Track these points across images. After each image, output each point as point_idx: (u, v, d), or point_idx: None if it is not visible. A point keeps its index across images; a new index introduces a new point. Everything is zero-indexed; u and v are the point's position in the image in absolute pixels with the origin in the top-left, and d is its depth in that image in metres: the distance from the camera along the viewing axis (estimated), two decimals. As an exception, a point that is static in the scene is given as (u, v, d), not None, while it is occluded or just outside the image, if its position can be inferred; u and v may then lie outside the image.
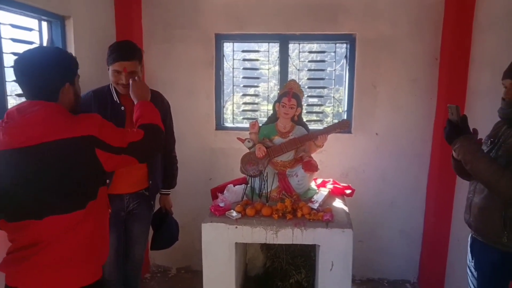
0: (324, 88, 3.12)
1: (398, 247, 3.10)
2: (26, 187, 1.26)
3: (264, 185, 2.16)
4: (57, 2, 2.21)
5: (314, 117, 3.17)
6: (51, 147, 1.25)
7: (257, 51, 3.12)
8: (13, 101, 2.00)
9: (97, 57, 2.36)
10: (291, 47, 3.05)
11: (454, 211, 2.80)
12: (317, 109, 3.27)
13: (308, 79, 3.13)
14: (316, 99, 3.18)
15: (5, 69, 1.89)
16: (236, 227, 1.90)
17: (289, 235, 1.89)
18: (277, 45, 3.04)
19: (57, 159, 1.26)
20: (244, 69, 3.14)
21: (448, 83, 2.72)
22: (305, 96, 2.71)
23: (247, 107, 3.20)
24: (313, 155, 2.24)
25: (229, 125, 3.20)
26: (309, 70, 3.17)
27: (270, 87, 3.16)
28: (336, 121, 2.60)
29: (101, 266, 1.46)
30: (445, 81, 2.75)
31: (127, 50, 1.94)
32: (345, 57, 3.03)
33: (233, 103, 3.19)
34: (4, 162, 1.26)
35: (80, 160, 1.30)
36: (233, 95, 3.18)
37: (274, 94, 3.16)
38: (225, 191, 2.21)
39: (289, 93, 2.17)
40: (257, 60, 3.13)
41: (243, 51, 3.13)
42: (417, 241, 3.08)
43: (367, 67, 2.94)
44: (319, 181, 2.47)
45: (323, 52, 3.12)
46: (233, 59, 3.10)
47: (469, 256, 1.76)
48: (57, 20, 2.28)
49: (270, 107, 3.02)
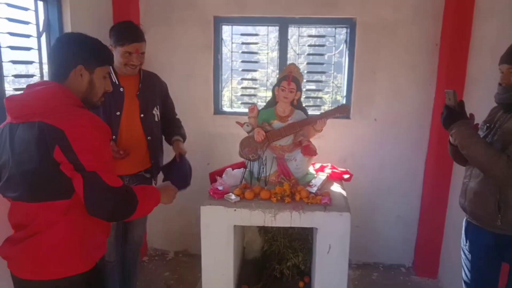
0: (323, 73, 3.10)
1: (394, 232, 3.14)
2: (12, 164, 1.25)
3: (262, 169, 2.17)
4: (53, -19, 2.17)
5: (311, 103, 3.16)
6: (31, 128, 1.20)
7: (256, 35, 3.09)
8: (9, 82, 1.98)
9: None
10: (290, 32, 3.01)
11: (450, 196, 2.83)
12: (315, 95, 3.26)
13: (307, 64, 3.10)
14: (314, 86, 3.15)
15: (1, 49, 1.86)
16: (234, 210, 1.91)
17: (287, 218, 1.90)
18: (276, 30, 3.01)
19: (33, 143, 1.20)
20: (242, 52, 3.10)
21: (447, 69, 2.71)
22: (304, 81, 2.70)
23: (245, 92, 3.18)
24: (311, 140, 2.25)
25: (227, 109, 3.18)
26: (308, 54, 3.14)
27: (268, 73, 3.13)
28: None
29: (90, 260, 1.35)
30: (445, 67, 2.73)
31: (137, 31, 2.02)
32: (345, 41, 3.00)
33: (231, 87, 3.17)
34: (4, 135, 1.29)
35: (39, 148, 1.20)
36: (232, 79, 3.16)
37: (272, 80, 3.13)
38: (223, 175, 2.21)
39: (289, 77, 2.16)
40: (256, 43, 3.09)
41: (242, 35, 3.09)
42: (413, 227, 3.11)
43: (366, 52, 2.92)
44: (317, 165, 2.48)
45: (323, 36, 3.09)
46: (232, 43, 3.07)
47: (463, 239, 1.79)
48: (53, -1, 2.24)
49: (268, 93, 3.01)
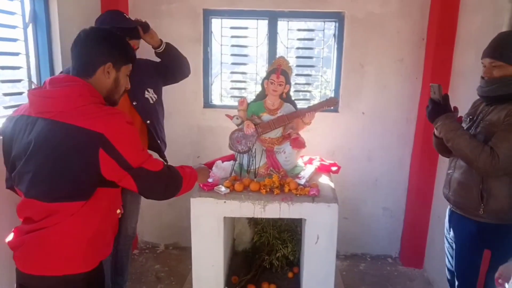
0: (312, 67, 3.12)
1: (381, 223, 3.21)
2: (27, 157, 1.23)
3: (252, 161, 2.19)
4: (39, -28, 2.13)
5: (301, 97, 3.18)
6: (57, 127, 1.20)
7: (246, 28, 3.09)
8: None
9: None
10: (280, 25, 3.02)
11: (435, 188, 2.90)
12: (304, 90, 3.28)
13: (297, 58, 3.12)
14: (304, 80, 3.17)
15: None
16: (224, 202, 1.93)
17: (276, 210, 1.93)
18: (265, 24, 3.01)
19: (59, 142, 1.20)
20: (232, 46, 3.10)
21: (433, 63, 2.76)
22: (294, 75, 2.72)
23: (235, 86, 3.19)
24: (300, 133, 2.27)
25: (217, 103, 3.19)
26: (297, 48, 3.16)
27: (257, 68, 3.14)
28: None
29: (94, 259, 1.34)
30: (431, 61, 2.78)
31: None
32: (334, 35, 3.03)
33: (221, 80, 3.17)
34: (20, 125, 1.27)
35: (78, 153, 1.20)
36: (221, 73, 3.16)
37: (261, 74, 3.15)
38: (213, 167, 2.22)
39: (278, 70, 2.17)
40: (245, 37, 3.09)
41: (232, 28, 3.09)
42: (399, 218, 3.19)
43: (355, 46, 2.95)
44: (306, 158, 2.51)
45: (312, 30, 3.10)
46: (221, 36, 3.07)
47: (447, 228, 1.85)
48: (39, -9, 2.20)
49: (257, 87, 3.02)
